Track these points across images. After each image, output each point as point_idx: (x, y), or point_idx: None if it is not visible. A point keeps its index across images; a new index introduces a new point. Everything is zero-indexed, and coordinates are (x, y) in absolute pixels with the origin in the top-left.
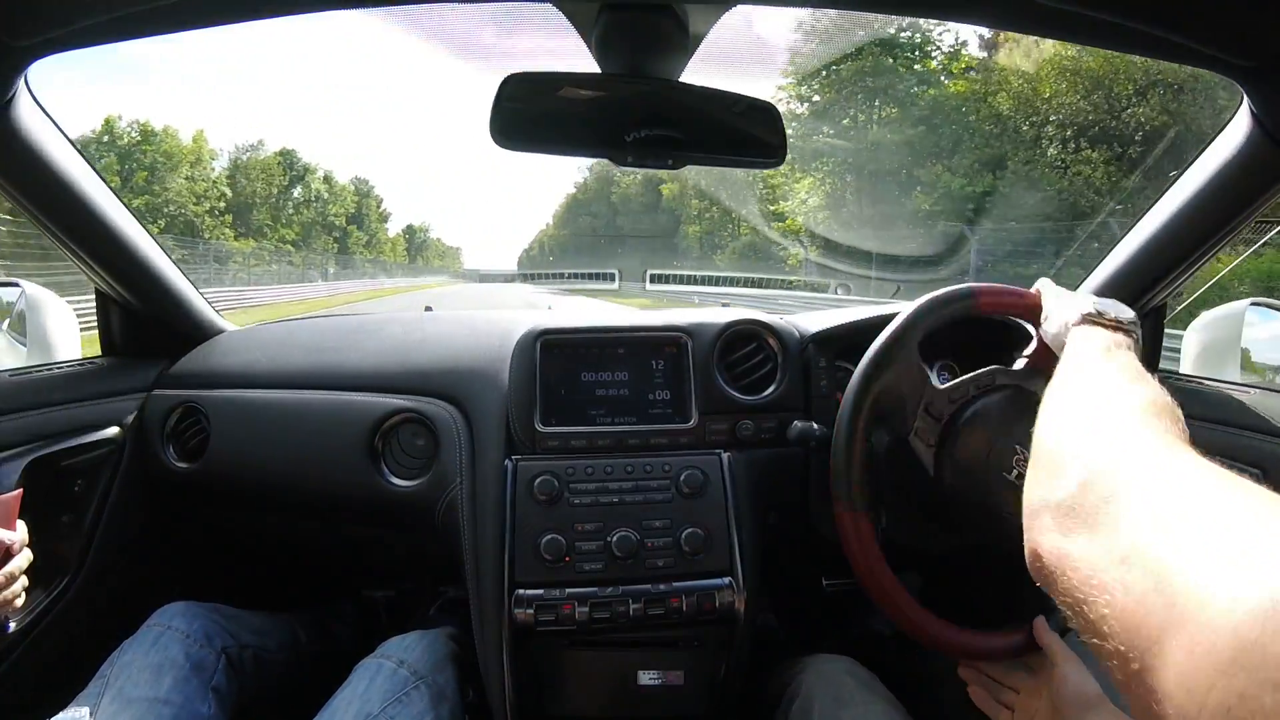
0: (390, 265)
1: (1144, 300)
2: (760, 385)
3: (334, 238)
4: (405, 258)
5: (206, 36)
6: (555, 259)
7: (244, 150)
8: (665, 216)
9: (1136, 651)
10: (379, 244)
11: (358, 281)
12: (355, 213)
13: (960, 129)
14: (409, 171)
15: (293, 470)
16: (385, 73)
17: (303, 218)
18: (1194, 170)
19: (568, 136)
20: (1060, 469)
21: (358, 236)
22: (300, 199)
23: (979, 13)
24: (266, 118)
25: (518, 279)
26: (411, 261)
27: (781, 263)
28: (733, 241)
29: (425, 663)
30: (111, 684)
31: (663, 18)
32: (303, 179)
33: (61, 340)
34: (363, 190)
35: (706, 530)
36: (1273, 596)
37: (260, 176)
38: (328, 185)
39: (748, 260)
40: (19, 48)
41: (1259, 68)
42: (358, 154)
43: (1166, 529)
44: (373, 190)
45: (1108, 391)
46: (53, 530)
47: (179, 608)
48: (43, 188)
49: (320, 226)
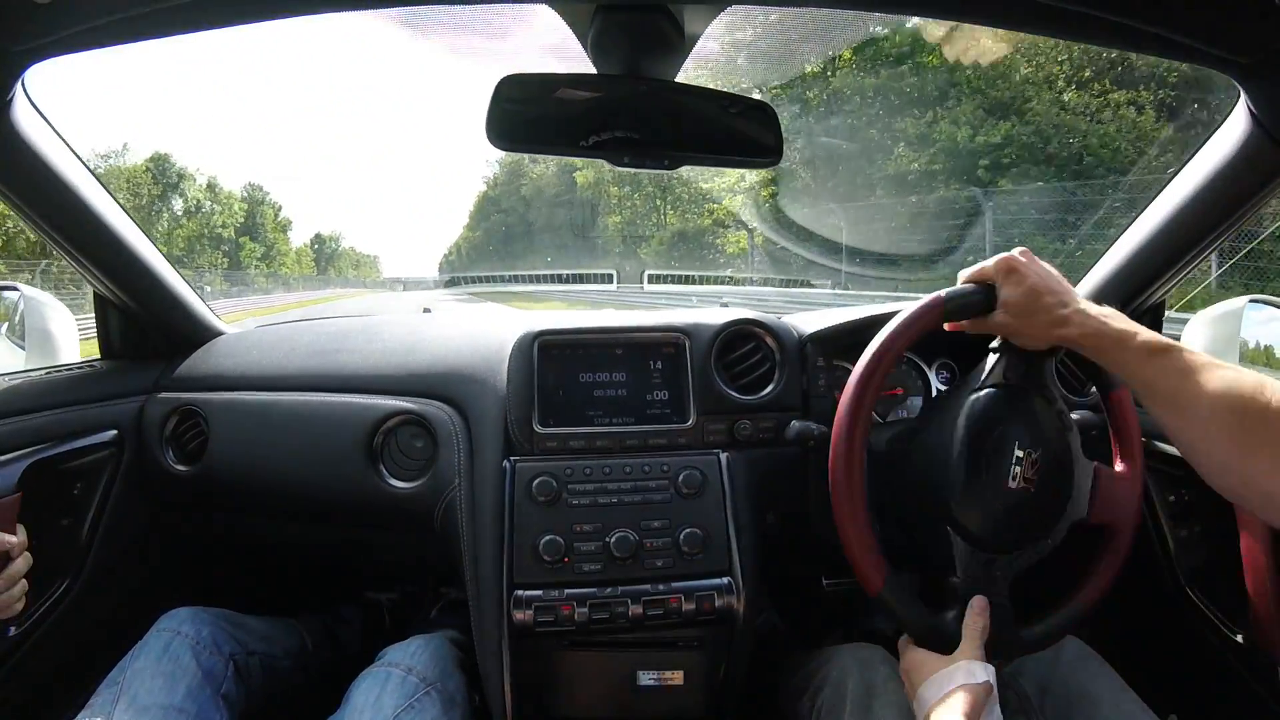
0: (294, 279)
1: (1142, 298)
2: (758, 385)
3: (223, 251)
4: (313, 269)
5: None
6: (472, 262)
7: (104, 157)
8: (581, 209)
9: None
10: (278, 256)
11: (238, 300)
12: (247, 223)
13: (951, 71)
14: (317, 178)
15: (291, 472)
16: (295, 74)
17: (186, 231)
18: (1191, 167)
19: (564, 137)
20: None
21: (251, 249)
22: (181, 211)
23: (978, 11)
24: (146, 122)
25: (439, 285)
26: (321, 272)
27: (718, 251)
28: (659, 231)
29: (433, 669)
30: (125, 691)
31: (658, 18)
32: (177, 187)
33: (60, 343)
34: (255, 198)
35: (705, 530)
36: None
37: (125, 187)
38: (211, 194)
39: (678, 252)
40: (16, 52)
41: (1256, 64)
42: (254, 161)
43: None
44: (268, 198)
45: None
46: (52, 534)
47: (186, 613)
48: (41, 192)
49: (206, 240)
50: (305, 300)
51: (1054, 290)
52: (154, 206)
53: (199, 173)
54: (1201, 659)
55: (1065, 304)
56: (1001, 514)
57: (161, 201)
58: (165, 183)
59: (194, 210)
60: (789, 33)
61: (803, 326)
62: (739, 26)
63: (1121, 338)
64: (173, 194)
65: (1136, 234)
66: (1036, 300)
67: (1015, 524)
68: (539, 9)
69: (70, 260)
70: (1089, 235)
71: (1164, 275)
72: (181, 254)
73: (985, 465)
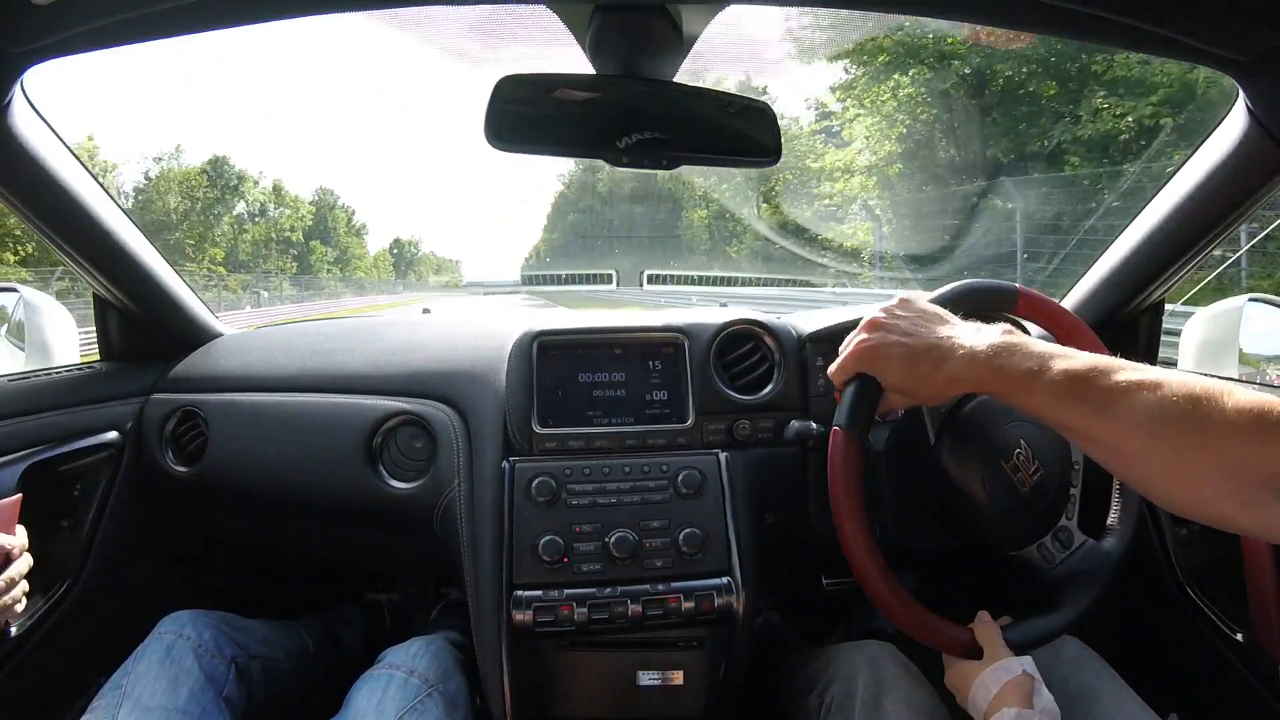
0: (369, 282)
1: (1142, 297)
2: (757, 385)
3: (292, 255)
4: (391, 274)
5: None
6: (551, 264)
7: (156, 160)
8: (662, 205)
9: None
10: (352, 259)
11: (298, 306)
12: (317, 227)
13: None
14: (398, 185)
15: (291, 473)
16: (370, 84)
17: (253, 235)
18: (1190, 166)
19: (562, 138)
20: None
21: (322, 252)
22: (245, 214)
23: (977, 11)
24: (213, 128)
25: (518, 288)
26: (401, 277)
27: (833, 250)
28: (752, 225)
29: (434, 670)
30: (129, 694)
31: (656, 19)
32: (237, 189)
33: (60, 345)
34: (326, 202)
35: (704, 530)
36: None
37: (177, 189)
38: (277, 196)
39: (775, 248)
40: (14, 54)
41: (1254, 63)
42: (335, 168)
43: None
44: (338, 202)
45: None
46: (52, 535)
47: (188, 616)
48: (40, 194)
49: (274, 243)
50: (376, 305)
51: (929, 347)
52: (212, 210)
53: (261, 175)
54: (1202, 658)
55: (945, 358)
56: (1004, 514)
57: (221, 205)
58: (223, 184)
59: (257, 213)
60: (791, 32)
61: (802, 326)
62: (737, 26)
63: (1025, 379)
64: (232, 196)
65: (1136, 232)
66: (914, 370)
67: (1017, 524)
68: (537, 9)
69: (70, 261)
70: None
71: (1164, 273)
72: (247, 258)
73: (987, 466)
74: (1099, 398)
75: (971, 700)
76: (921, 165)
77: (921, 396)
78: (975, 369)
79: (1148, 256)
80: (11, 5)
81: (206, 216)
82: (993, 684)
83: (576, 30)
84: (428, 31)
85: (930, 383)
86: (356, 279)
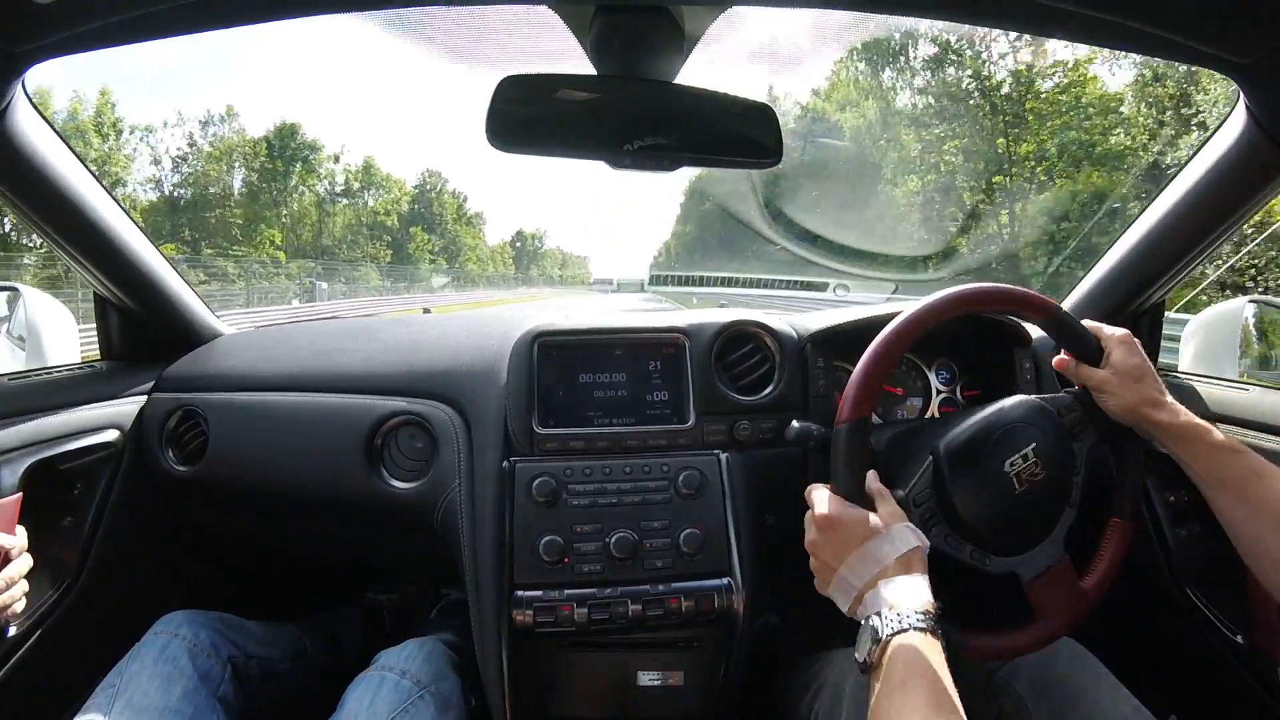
0: (482, 275)
1: (1142, 298)
2: (758, 386)
3: (386, 241)
4: (511, 267)
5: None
6: (679, 261)
7: (206, 123)
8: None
9: None
10: (463, 249)
11: (377, 298)
12: (417, 211)
13: None
14: (522, 177)
15: (292, 473)
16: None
17: (342, 218)
18: (1191, 167)
19: (564, 139)
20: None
21: (423, 240)
22: (326, 193)
23: (978, 13)
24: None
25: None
26: (522, 270)
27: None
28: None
29: (427, 672)
30: (121, 693)
31: (658, 19)
32: (308, 162)
33: (60, 344)
34: (431, 185)
35: (705, 531)
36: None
37: (227, 160)
38: (365, 175)
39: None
40: (16, 53)
41: (1255, 65)
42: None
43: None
44: (445, 186)
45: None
46: (52, 534)
47: (184, 616)
48: (41, 193)
49: (363, 227)
50: (481, 301)
51: (1156, 378)
52: (275, 184)
53: (345, 150)
54: (1201, 660)
55: (1164, 392)
56: (1005, 516)
57: (282, 180)
58: (291, 155)
59: (339, 193)
60: (793, 33)
61: (803, 327)
62: (739, 26)
63: (1202, 431)
64: (305, 174)
65: (1136, 234)
66: (1143, 377)
67: (1018, 525)
68: (538, 10)
69: (71, 261)
70: None
71: (1164, 276)
72: (334, 242)
73: (989, 467)
74: (1253, 463)
75: (864, 556)
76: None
77: (1123, 395)
78: (1180, 413)
79: (1148, 258)
80: (12, 5)
81: (263, 193)
82: (901, 544)
83: (578, 31)
84: (428, 32)
85: (1144, 395)
86: (468, 271)
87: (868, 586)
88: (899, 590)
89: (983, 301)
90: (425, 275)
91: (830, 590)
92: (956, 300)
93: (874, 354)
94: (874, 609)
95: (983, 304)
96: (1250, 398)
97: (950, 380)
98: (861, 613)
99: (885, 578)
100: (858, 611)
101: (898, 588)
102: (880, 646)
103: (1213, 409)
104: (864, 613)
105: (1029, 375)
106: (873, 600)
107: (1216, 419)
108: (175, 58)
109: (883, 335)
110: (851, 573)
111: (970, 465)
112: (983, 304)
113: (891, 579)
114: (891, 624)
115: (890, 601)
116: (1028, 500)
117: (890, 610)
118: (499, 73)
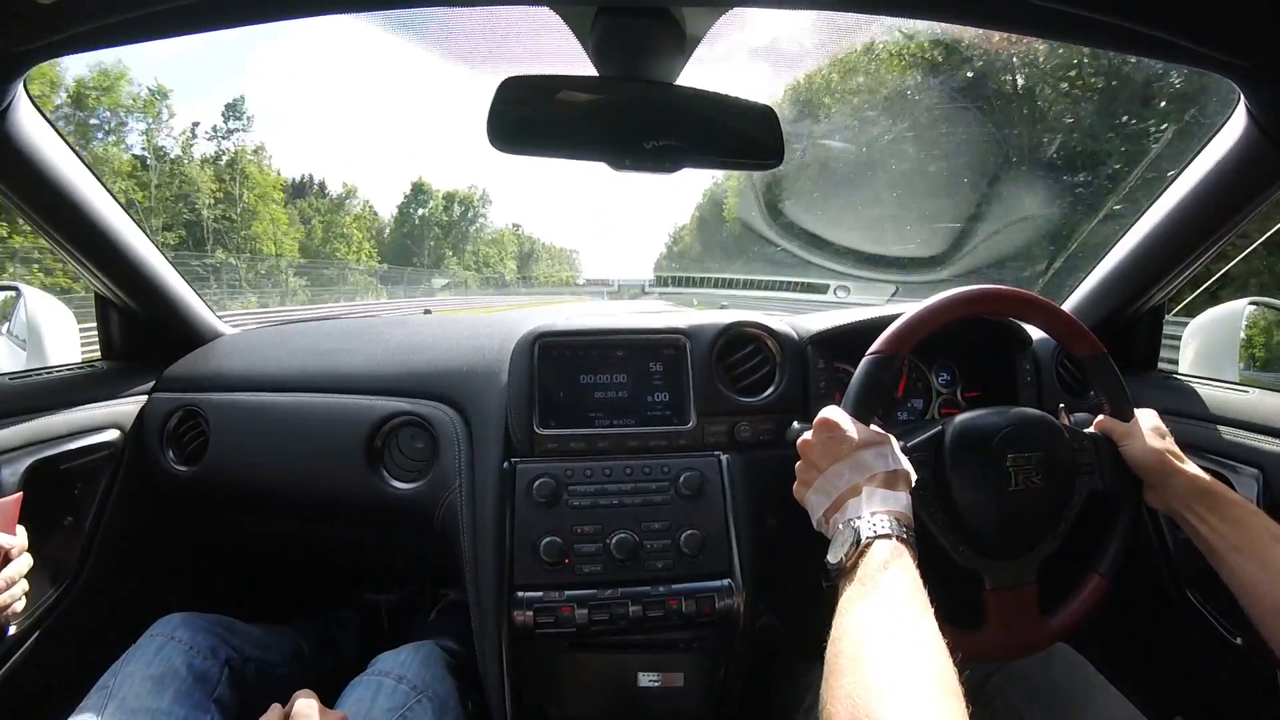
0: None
1: (1142, 300)
2: (759, 387)
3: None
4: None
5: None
6: (689, 260)
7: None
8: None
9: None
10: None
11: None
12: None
13: None
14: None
15: (292, 473)
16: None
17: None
18: (1191, 170)
19: (565, 140)
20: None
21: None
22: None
23: (976, 13)
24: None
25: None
26: (523, 270)
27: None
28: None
29: (423, 676)
30: (114, 695)
31: (659, 21)
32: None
33: (61, 343)
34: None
35: (705, 532)
36: None
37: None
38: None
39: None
40: (16, 53)
41: (1255, 67)
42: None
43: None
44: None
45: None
46: (53, 534)
47: (181, 618)
48: (42, 193)
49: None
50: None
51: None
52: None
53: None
54: (1201, 662)
55: (1184, 457)
56: (991, 507)
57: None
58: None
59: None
60: (794, 34)
61: (804, 328)
62: (741, 28)
63: (1221, 489)
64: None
65: (1135, 236)
66: (1167, 436)
67: (1000, 523)
68: (540, 11)
69: (71, 260)
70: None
71: (1163, 278)
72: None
73: (992, 451)
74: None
75: (853, 463)
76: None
77: (1153, 468)
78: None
79: (1148, 260)
80: (13, 4)
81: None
82: (890, 460)
83: (579, 32)
84: (428, 32)
85: (1180, 476)
86: (491, 274)
87: (852, 492)
88: (884, 500)
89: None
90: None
91: (810, 492)
92: (980, 298)
93: (934, 304)
94: (855, 513)
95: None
96: (1250, 399)
97: (951, 382)
98: (838, 519)
99: (871, 486)
100: (831, 519)
101: (883, 498)
102: (859, 550)
103: (1213, 411)
104: (841, 518)
105: (1029, 377)
106: (854, 506)
107: (1216, 421)
108: (176, 61)
109: (947, 295)
110: (839, 476)
111: (975, 444)
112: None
113: (877, 490)
114: (875, 528)
115: (875, 508)
116: (1017, 503)
117: (874, 515)
118: (500, 74)
